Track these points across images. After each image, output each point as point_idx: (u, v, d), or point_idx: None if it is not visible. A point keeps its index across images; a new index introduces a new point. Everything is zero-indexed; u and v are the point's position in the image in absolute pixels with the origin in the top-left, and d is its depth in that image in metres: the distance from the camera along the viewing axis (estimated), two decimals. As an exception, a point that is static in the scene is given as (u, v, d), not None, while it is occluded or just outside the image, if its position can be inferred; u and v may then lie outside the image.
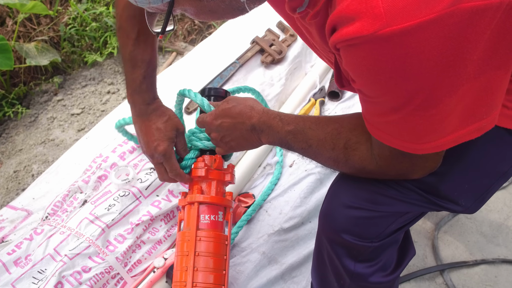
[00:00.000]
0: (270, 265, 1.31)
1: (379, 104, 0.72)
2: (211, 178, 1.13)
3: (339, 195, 0.95)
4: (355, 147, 0.84)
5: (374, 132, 0.78)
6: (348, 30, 0.63)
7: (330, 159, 0.89)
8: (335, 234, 0.95)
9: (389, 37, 0.60)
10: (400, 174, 0.86)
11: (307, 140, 0.89)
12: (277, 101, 1.70)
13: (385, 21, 0.59)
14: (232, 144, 1.01)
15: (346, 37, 0.64)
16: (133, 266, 1.24)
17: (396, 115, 0.70)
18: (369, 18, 0.60)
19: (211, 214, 1.11)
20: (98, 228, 1.22)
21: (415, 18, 0.59)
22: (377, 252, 0.97)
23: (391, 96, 0.68)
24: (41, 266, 1.16)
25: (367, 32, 0.61)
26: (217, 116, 1.00)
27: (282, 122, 0.92)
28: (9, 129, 2.16)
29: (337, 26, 0.66)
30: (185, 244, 1.09)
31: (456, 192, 0.89)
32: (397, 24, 0.59)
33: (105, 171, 1.37)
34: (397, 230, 0.97)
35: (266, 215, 1.41)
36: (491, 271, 1.57)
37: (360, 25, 0.61)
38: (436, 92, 0.65)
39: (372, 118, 0.77)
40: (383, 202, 0.90)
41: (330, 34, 0.68)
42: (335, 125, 0.87)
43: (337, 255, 0.99)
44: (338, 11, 0.64)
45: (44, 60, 2.20)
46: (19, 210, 1.43)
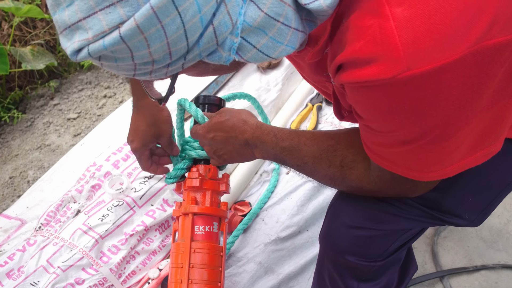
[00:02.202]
0: (266, 275, 1.30)
1: (387, 137, 0.68)
2: (205, 188, 1.12)
3: (340, 215, 0.92)
4: (352, 165, 0.82)
5: (375, 159, 0.75)
6: (363, 72, 0.59)
7: (327, 176, 0.86)
8: (338, 256, 0.93)
9: (409, 80, 0.56)
10: (400, 194, 0.84)
11: (302, 157, 0.87)
12: (274, 107, 1.69)
13: (405, 65, 0.55)
14: (226, 157, 1.00)
15: (360, 79, 0.59)
16: (127, 278, 1.23)
17: (405, 147, 0.67)
18: (387, 61, 0.56)
19: (205, 225, 1.10)
20: (92, 239, 1.20)
21: (438, 61, 0.55)
22: (380, 271, 0.95)
23: (403, 132, 0.65)
24: (34, 278, 1.15)
25: (386, 76, 0.57)
26: (210, 130, 0.98)
27: (277, 138, 0.89)
28: (5, 134, 2.15)
29: (347, 67, 0.62)
30: (180, 256, 1.07)
31: (460, 206, 0.87)
32: (418, 67, 0.55)
33: (98, 180, 1.35)
34: (400, 247, 0.95)
35: (263, 223, 1.39)
36: (492, 277, 1.56)
37: (377, 69, 0.57)
38: (450, 127, 0.63)
39: (374, 147, 0.74)
40: (386, 220, 0.88)
41: (335, 72, 0.65)
42: (331, 142, 0.84)
43: (340, 276, 0.97)
44: (350, 52, 0.60)
45: (40, 64, 2.19)
46: (13, 219, 1.42)
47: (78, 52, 0.52)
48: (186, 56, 0.56)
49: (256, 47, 0.59)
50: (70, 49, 0.52)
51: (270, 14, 0.56)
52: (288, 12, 0.57)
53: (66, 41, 0.53)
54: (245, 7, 0.55)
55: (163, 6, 0.48)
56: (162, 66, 0.56)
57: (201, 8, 0.51)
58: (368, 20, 0.57)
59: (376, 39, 0.56)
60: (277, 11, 0.56)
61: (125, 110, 1.84)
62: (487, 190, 0.88)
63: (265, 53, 0.60)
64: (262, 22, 0.57)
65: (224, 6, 0.53)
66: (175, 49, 0.53)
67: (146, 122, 1.07)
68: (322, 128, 1.66)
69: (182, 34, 0.52)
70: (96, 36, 0.50)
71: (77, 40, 0.51)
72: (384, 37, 0.56)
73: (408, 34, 0.55)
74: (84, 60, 0.53)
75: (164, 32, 0.51)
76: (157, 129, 1.09)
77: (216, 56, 0.58)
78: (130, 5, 0.48)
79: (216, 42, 0.56)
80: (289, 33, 0.59)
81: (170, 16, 0.49)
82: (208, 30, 0.53)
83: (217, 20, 0.53)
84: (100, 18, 0.49)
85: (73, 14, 0.50)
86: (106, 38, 0.50)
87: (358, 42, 0.58)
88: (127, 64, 0.54)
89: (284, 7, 0.57)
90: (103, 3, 0.48)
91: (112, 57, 0.53)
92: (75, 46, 0.51)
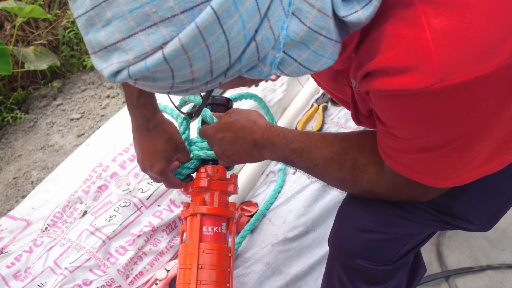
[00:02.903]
0: (274, 276, 1.29)
1: (409, 144, 0.68)
2: (213, 188, 1.11)
3: (350, 218, 0.92)
4: (364, 169, 0.82)
5: (391, 164, 0.75)
6: (395, 81, 0.58)
7: (337, 179, 0.86)
8: (348, 259, 0.92)
9: (441, 92, 0.56)
10: (411, 199, 0.84)
11: (312, 159, 0.86)
12: (280, 107, 1.68)
13: (439, 76, 0.55)
14: (234, 158, 0.99)
15: (391, 87, 0.59)
16: (134, 279, 1.22)
17: (426, 155, 0.67)
18: (421, 72, 0.56)
19: (214, 225, 1.09)
20: (99, 240, 1.20)
21: (471, 73, 0.55)
22: (390, 274, 0.95)
23: (427, 140, 0.65)
24: (41, 279, 1.14)
25: (418, 86, 0.56)
26: (219, 130, 0.97)
27: (286, 140, 0.89)
28: (8, 135, 2.14)
29: (378, 74, 0.61)
30: (188, 257, 1.07)
31: (470, 211, 0.86)
32: (452, 79, 0.55)
33: (105, 180, 1.35)
34: (409, 251, 0.95)
35: (270, 224, 1.39)
36: (497, 277, 1.55)
37: (410, 79, 0.57)
38: (474, 137, 0.63)
39: (391, 152, 0.73)
40: (396, 224, 0.88)
41: (362, 78, 0.64)
42: (342, 145, 0.84)
43: (349, 279, 0.96)
44: (382, 60, 0.59)
45: (43, 64, 2.18)
46: (18, 220, 1.41)
47: (116, 74, 0.49)
48: (226, 73, 0.53)
49: (298, 61, 0.57)
50: (108, 71, 0.49)
51: (313, 27, 0.55)
52: (330, 24, 0.56)
53: (101, 62, 0.50)
54: (288, 21, 0.53)
55: (209, 25, 0.46)
56: (201, 83, 0.54)
57: (246, 25, 0.49)
58: (402, 30, 0.57)
59: (410, 49, 0.56)
60: (320, 24, 0.55)
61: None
62: (498, 195, 0.88)
63: (307, 67, 0.58)
64: (305, 36, 0.55)
65: (267, 21, 0.51)
66: (217, 66, 0.51)
67: (162, 140, 1.04)
68: (328, 129, 1.66)
69: (225, 52, 0.50)
70: (138, 57, 0.47)
71: (115, 62, 0.48)
72: (419, 48, 0.55)
73: (444, 46, 0.54)
74: (123, 81, 0.50)
75: (208, 50, 0.48)
76: (174, 142, 1.06)
77: (257, 72, 0.56)
78: (174, 24, 0.46)
79: (257, 58, 0.54)
80: (331, 45, 0.58)
81: (214, 35, 0.47)
82: (250, 46, 0.51)
83: (260, 35, 0.51)
84: (141, 38, 0.47)
85: (111, 35, 0.47)
86: (148, 59, 0.47)
87: (392, 51, 0.58)
88: (165, 84, 0.52)
89: (327, 20, 0.55)
90: (145, 23, 0.46)
91: (151, 77, 0.50)
92: (113, 68, 0.49)
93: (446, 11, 0.54)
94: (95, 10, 0.47)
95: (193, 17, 0.46)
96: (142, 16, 0.46)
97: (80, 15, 0.49)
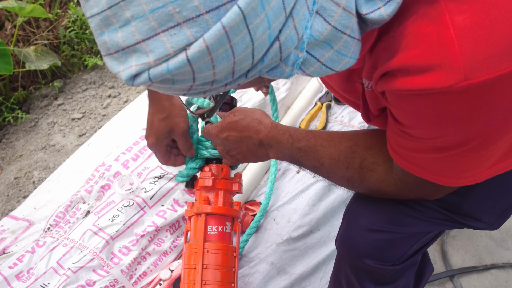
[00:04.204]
0: (279, 276, 1.28)
1: (425, 143, 0.67)
2: (218, 188, 1.10)
3: (358, 218, 0.91)
4: (372, 167, 0.80)
5: (401, 163, 0.73)
6: (418, 81, 0.56)
7: (344, 178, 0.85)
8: (356, 259, 0.91)
9: (464, 90, 0.55)
10: (420, 197, 0.83)
11: (319, 158, 0.85)
12: (283, 105, 1.68)
13: (463, 74, 0.54)
14: (239, 157, 0.98)
15: (413, 87, 0.57)
16: (138, 279, 1.21)
17: (441, 154, 0.66)
18: (445, 71, 0.54)
19: (218, 225, 1.08)
20: (102, 240, 1.19)
21: (495, 71, 0.54)
22: (398, 274, 0.94)
23: (444, 139, 0.64)
24: (44, 280, 1.13)
25: (442, 85, 0.55)
26: (223, 129, 0.96)
27: (292, 138, 0.88)
28: (9, 135, 2.13)
29: (398, 74, 0.59)
30: (192, 257, 1.06)
31: (479, 209, 0.85)
32: (475, 78, 0.54)
33: (108, 180, 1.33)
34: (418, 250, 0.94)
35: (274, 223, 1.38)
36: (502, 276, 1.55)
37: (434, 78, 0.55)
38: (492, 136, 0.62)
39: (403, 152, 0.72)
40: (405, 223, 0.87)
41: (379, 78, 0.63)
42: (349, 143, 0.83)
43: (357, 280, 0.95)
44: (403, 59, 0.58)
45: (44, 64, 2.17)
46: (20, 220, 1.40)
47: (135, 77, 0.47)
48: (247, 74, 0.51)
49: (320, 60, 0.55)
50: (126, 74, 0.47)
51: (338, 27, 0.53)
52: (354, 23, 0.54)
53: (117, 64, 0.47)
54: (312, 20, 0.51)
55: (235, 25, 0.44)
56: (221, 85, 0.51)
57: (271, 24, 0.47)
58: (425, 28, 0.55)
59: (433, 47, 0.55)
60: (345, 23, 0.53)
61: (132, 110, 1.82)
62: (507, 194, 0.87)
63: (329, 67, 0.56)
64: (329, 36, 0.53)
65: (292, 20, 0.49)
66: (240, 67, 0.49)
67: (159, 117, 1.03)
68: (332, 127, 1.65)
69: (249, 53, 0.48)
70: (159, 59, 0.45)
71: (134, 64, 0.46)
72: (442, 46, 0.54)
73: (468, 44, 0.53)
74: (141, 85, 0.47)
75: (232, 51, 0.46)
76: (170, 124, 1.04)
77: (278, 72, 0.53)
78: (199, 25, 0.44)
79: (280, 58, 0.51)
80: (354, 44, 0.56)
81: (240, 35, 0.45)
82: (274, 46, 0.49)
83: (284, 35, 0.49)
84: (163, 40, 0.44)
85: (130, 36, 0.45)
86: (171, 61, 0.45)
87: (414, 49, 0.56)
88: (184, 86, 0.49)
89: (352, 18, 0.54)
90: (167, 23, 0.44)
91: (170, 80, 0.48)
92: (132, 71, 0.46)
93: (470, 8, 0.53)
94: (112, 10, 0.45)
95: (219, 16, 0.44)
96: (165, 16, 0.43)
97: (94, 15, 0.46)
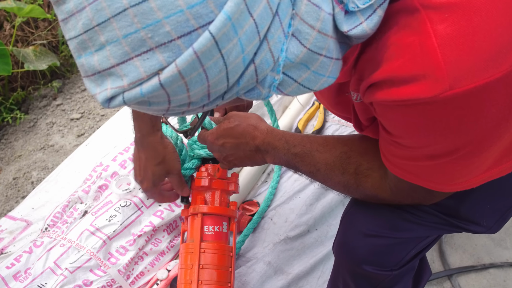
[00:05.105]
0: (276, 275, 1.28)
1: (415, 152, 0.66)
2: (214, 187, 1.11)
3: (356, 223, 0.90)
4: (367, 173, 0.80)
5: (394, 171, 0.73)
6: (402, 91, 0.56)
7: (340, 184, 0.84)
8: (354, 265, 0.91)
9: (450, 100, 0.54)
10: (416, 202, 0.83)
11: (315, 164, 0.85)
12: (281, 105, 1.68)
13: (448, 84, 0.53)
14: (236, 162, 0.98)
15: (398, 98, 0.57)
16: (135, 279, 1.21)
17: (432, 162, 0.65)
18: (429, 81, 0.53)
19: (215, 225, 1.09)
20: (99, 240, 1.19)
21: (481, 79, 0.53)
22: (396, 279, 0.93)
23: (434, 148, 0.63)
24: (41, 280, 1.14)
25: (427, 96, 0.54)
26: (219, 136, 0.95)
27: (288, 144, 0.88)
28: (8, 135, 2.13)
29: (383, 85, 0.59)
30: (189, 257, 1.06)
31: (477, 213, 0.85)
32: (460, 86, 0.53)
33: (105, 180, 1.34)
34: (416, 255, 0.93)
35: (271, 223, 1.38)
36: (500, 275, 1.55)
37: (418, 88, 0.54)
38: (483, 144, 0.61)
39: (396, 160, 0.71)
40: (403, 228, 0.86)
41: (366, 89, 0.62)
42: (344, 148, 0.83)
43: (356, 285, 0.95)
44: (387, 70, 0.57)
45: (43, 64, 2.17)
46: (18, 221, 1.40)
47: (111, 100, 0.47)
48: (224, 96, 0.52)
49: (298, 81, 0.55)
50: (102, 97, 0.47)
51: (313, 49, 0.53)
52: (330, 44, 0.54)
53: (94, 87, 0.48)
54: (287, 43, 0.52)
55: (207, 50, 0.45)
56: (198, 106, 0.52)
57: (245, 48, 0.47)
58: (407, 38, 0.55)
59: (416, 57, 0.54)
60: (320, 45, 0.53)
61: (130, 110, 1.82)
62: (506, 197, 0.86)
63: (307, 86, 0.57)
64: (305, 57, 0.53)
65: (266, 44, 0.50)
66: (215, 90, 0.50)
67: (154, 162, 1.02)
68: (329, 127, 1.65)
69: (224, 76, 0.48)
70: (133, 83, 0.46)
71: (109, 87, 0.47)
72: (425, 55, 0.53)
73: (451, 52, 0.53)
74: (117, 107, 0.48)
75: (206, 75, 0.47)
76: (166, 167, 1.04)
77: (255, 94, 0.54)
78: (171, 50, 0.44)
79: (256, 80, 0.52)
80: (331, 64, 0.56)
81: (213, 59, 0.46)
82: (249, 69, 0.50)
83: (259, 58, 0.50)
84: (137, 64, 0.45)
85: (104, 60, 0.46)
86: (144, 85, 0.46)
87: (397, 60, 0.56)
88: (161, 107, 0.50)
89: (327, 40, 0.54)
90: (140, 48, 0.44)
91: (147, 102, 0.48)
92: (107, 93, 0.47)
93: (452, 16, 0.53)
94: (88, 34, 0.45)
95: (191, 42, 0.44)
96: (138, 41, 0.44)
97: (72, 38, 0.47)
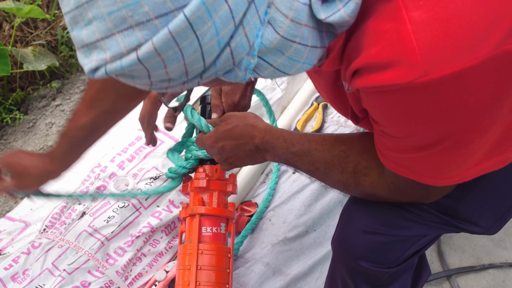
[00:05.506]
0: (274, 276, 1.28)
1: (402, 142, 0.67)
2: (212, 189, 1.11)
3: (354, 220, 0.91)
4: (365, 172, 0.81)
5: (389, 165, 0.74)
6: (379, 77, 0.57)
7: (339, 182, 0.85)
8: (352, 261, 0.91)
9: (426, 86, 0.54)
10: (414, 200, 0.83)
11: (313, 163, 0.85)
12: (279, 106, 1.67)
13: (422, 70, 0.53)
14: (237, 163, 0.98)
15: (376, 84, 0.58)
16: (134, 280, 1.22)
17: (420, 153, 0.66)
18: (404, 66, 0.54)
19: (213, 226, 1.09)
20: (97, 241, 1.19)
21: (456, 66, 0.53)
22: (394, 276, 0.94)
23: (419, 138, 0.64)
24: (39, 281, 1.14)
25: (402, 81, 0.55)
26: (218, 139, 0.95)
27: (286, 143, 0.88)
28: (7, 135, 2.13)
29: (364, 72, 0.60)
30: (187, 258, 1.06)
31: (476, 213, 0.85)
32: (435, 73, 0.53)
33: (103, 181, 1.34)
34: (414, 254, 0.93)
35: (270, 224, 1.38)
36: (499, 276, 1.55)
37: (394, 74, 0.56)
38: (468, 135, 0.61)
39: (388, 153, 0.72)
40: (401, 226, 0.87)
41: (351, 77, 0.64)
42: (342, 147, 0.83)
43: (353, 282, 0.96)
44: (366, 57, 0.59)
45: (42, 64, 2.17)
46: (16, 222, 1.41)
47: (95, 71, 0.53)
48: (202, 75, 0.56)
49: (273, 65, 0.59)
50: (88, 67, 0.53)
51: (287, 36, 0.57)
52: (305, 32, 0.57)
53: (83, 58, 0.54)
54: (263, 30, 0.55)
55: (181, 31, 0.49)
56: (178, 83, 0.56)
57: (219, 32, 0.51)
58: (384, 25, 0.56)
59: (392, 43, 0.55)
60: (293, 33, 0.57)
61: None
62: (505, 198, 0.86)
63: (282, 71, 0.60)
64: (279, 44, 0.57)
65: (242, 29, 0.53)
66: (192, 69, 0.53)
67: None
68: (328, 127, 1.65)
69: (199, 56, 0.52)
70: (114, 57, 0.50)
71: (94, 59, 0.52)
72: (400, 42, 0.54)
73: (426, 38, 0.53)
74: (101, 78, 0.53)
75: (181, 54, 0.51)
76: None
77: (232, 75, 0.58)
78: (148, 28, 0.49)
79: (232, 62, 0.56)
80: (306, 51, 0.59)
81: (187, 40, 0.50)
82: (225, 51, 0.54)
83: (235, 42, 0.53)
84: (118, 40, 0.50)
85: (91, 34, 0.50)
86: (124, 59, 0.50)
87: (375, 47, 0.57)
88: (144, 81, 0.55)
89: (300, 28, 0.57)
90: (121, 25, 0.49)
91: (129, 75, 0.54)
92: (92, 65, 0.52)
93: (427, 3, 0.53)
94: (78, 10, 0.50)
95: (167, 22, 0.48)
96: (120, 19, 0.48)
97: (67, 13, 0.52)
